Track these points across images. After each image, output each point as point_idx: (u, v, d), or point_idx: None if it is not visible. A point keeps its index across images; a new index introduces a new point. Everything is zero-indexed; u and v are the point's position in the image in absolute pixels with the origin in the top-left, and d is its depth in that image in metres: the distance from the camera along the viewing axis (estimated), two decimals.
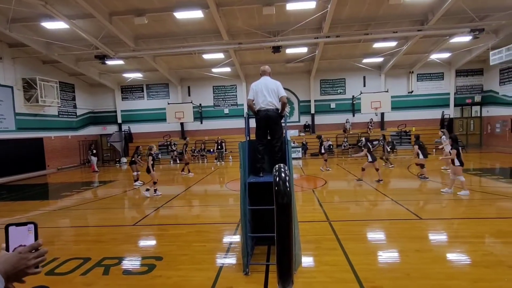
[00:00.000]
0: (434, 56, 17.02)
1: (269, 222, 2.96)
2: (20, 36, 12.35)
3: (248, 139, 4.41)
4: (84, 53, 14.20)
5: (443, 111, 18.83)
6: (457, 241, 4.58)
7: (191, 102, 19.21)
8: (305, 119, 19.90)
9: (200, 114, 20.13)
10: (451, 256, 4.08)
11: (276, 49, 13.26)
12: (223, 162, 17.31)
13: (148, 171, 8.83)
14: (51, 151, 16.45)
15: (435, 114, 19.01)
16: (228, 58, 16.00)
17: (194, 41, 13.67)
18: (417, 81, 19.22)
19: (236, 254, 4.36)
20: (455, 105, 19.12)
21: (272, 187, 1.86)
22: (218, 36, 13.20)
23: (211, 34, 13.32)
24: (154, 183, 8.87)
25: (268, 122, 4.32)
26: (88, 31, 12.03)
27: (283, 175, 1.88)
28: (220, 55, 15.58)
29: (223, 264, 4.08)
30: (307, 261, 4.04)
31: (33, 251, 1.01)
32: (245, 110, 19.19)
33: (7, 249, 1.00)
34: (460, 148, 7.48)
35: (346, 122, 19.39)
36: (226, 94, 20.26)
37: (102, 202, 8.50)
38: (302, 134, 19.33)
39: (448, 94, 19.09)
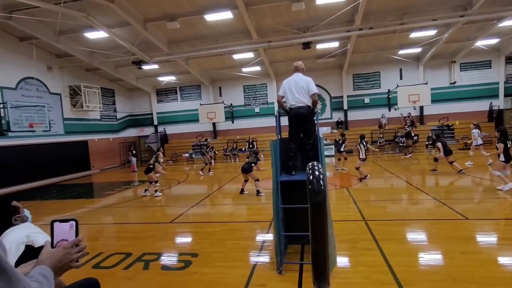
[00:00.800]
0: (480, 43, 15.73)
1: (302, 221, 2.92)
2: (66, 47, 13.37)
3: (279, 137, 4.39)
4: (122, 60, 15.00)
5: (491, 102, 17.38)
6: (509, 244, 4.21)
7: (222, 102, 19.54)
8: (338, 116, 19.40)
9: (231, 114, 20.41)
10: (503, 259, 3.75)
11: (306, 45, 13.05)
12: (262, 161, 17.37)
13: (148, 172, 9.28)
14: (95, 153, 17.57)
15: (482, 105, 17.59)
16: (257, 57, 16.05)
17: (224, 42, 13.88)
18: (460, 71, 17.90)
19: (270, 252, 4.36)
20: (505, 95, 17.53)
21: (305, 186, 1.83)
22: (247, 36, 13.29)
23: (240, 34, 13.44)
24: (156, 182, 9.46)
25: (300, 120, 4.26)
26: (125, 38, 12.68)
27: (316, 173, 1.83)
28: (249, 55, 15.67)
29: (256, 262, 4.10)
30: (342, 261, 3.94)
31: (74, 246, 1.08)
32: (276, 109, 19.13)
33: (51, 242, 1.08)
34: (509, 142, 6.90)
35: (382, 117, 18.60)
36: (256, 93, 20.35)
37: (141, 200, 8.93)
38: (335, 131, 18.88)
39: (497, 83, 17.55)
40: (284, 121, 4.40)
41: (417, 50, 16.64)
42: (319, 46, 14.96)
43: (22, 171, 12.74)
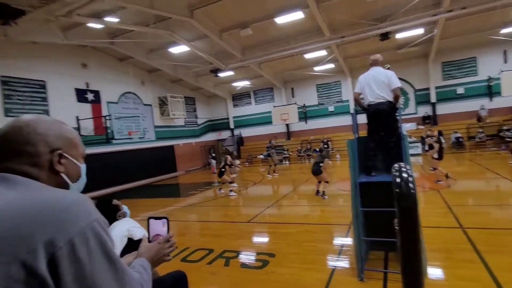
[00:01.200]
0: None
1: (385, 226, 2.69)
2: (155, 63, 15.14)
3: (357, 136, 4.15)
4: (201, 69, 16.25)
5: None
6: None
7: (295, 103, 19.48)
8: (424, 110, 17.44)
9: (304, 114, 20.20)
10: None
11: (384, 36, 12.10)
12: (329, 161, 16.85)
13: (220, 175, 10.34)
14: (180, 156, 19.37)
15: None
16: (330, 54, 15.54)
17: (295, 42, 13.83)
18: None
19: (349, 257, 4.15)
20: None
21: (386, 187, 1.69)
22: (318, 34, 12.99)
23: (312, 32, 13.21)
24: (230, 183, 10.47)
25: (380, 117, 3.94)
26: (203, 49, 13.71)
27: (405, 175, 1.67)
28: (322, 53, 15.27)
29: (335, 266, 3.94)
30: (434, 273, 3.50)
31: (166, 242, 1.19)
32: (352, 106, 18.22)
33: (148, 236, 1.22)
34: None
35: (481, 108, 16.01)
36: (330, 91, 19.71)
37: (221, 200, 9.49)
38: (421, 127, 17.00)
39: None
40: (361, 119, 4.14)
41: None
42: (399, 35, 13.67)
43: (122, 173, 14.78)
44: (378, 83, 3.91)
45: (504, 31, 14.09)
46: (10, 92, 10.89)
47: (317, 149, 16.91)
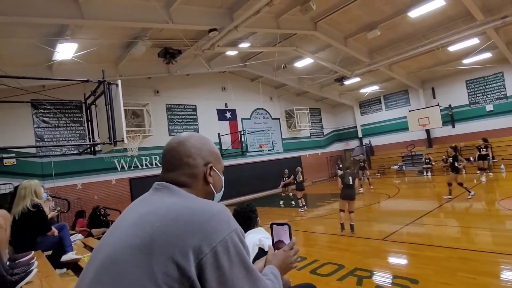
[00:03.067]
0: None
1: None
2: (282, 79, 16.06)
3: None
4: (326, 80, 16.15)
5: None
6: None
7: (438, 105, 16.68)
8: None
9: (450, 117, 17.02)
10: None
11: None
12: (490, 174, 13.49)
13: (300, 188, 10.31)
14: (307, 167, 19.56)
15: None
16: (486, 42, 12.63)
17: (435, 35, 11.95)
18: None
19: None
20: None
21: None
22: (467, 20, 10.82)
23: (457, 20, 11.14)
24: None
25: None
26: (327, 59, 13.63)
27: None
28: (473, 41, 12.56)
29: None
30: None
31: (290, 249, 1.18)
32: None
33: (272, 241, 1.23)
34: None
35: None
36: (487, 86, 15.97)
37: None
38: None
39: None
40: None
41: None
42: None
43: (253, 183, 16.06)
44: None
45: None
46: (172, 116, 13.80)
47: (472, 158, 13.84)
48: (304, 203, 10.44)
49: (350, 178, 6.65)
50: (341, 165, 17.91)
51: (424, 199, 9.98)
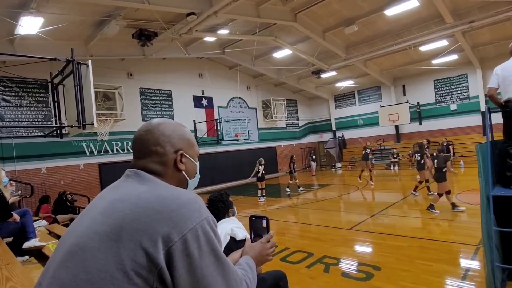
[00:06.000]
0: None
1: None
2: (260, 68, 15.99)
3: (491, 139, 3.40)
4: (303, 72, 16.30)
5: None
6: None
7: (407, 102, 17.45)
8: None
9: (418, 114, 17.88)
10: None
11: None
12: (451, 169, 14.36)
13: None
14: (281, 157, 19.86)
15: None
16: (453, 44, 13.29)
17: (409, 34, 12.39)
18: None
19: (476, 285, 3.44)
20: None
21: None
22: (438, 22, 11.30)
23: (429, 21, 11.60)
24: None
25: None
26: (305, 51, 13.72)
27: None
28: (442, 43, 13.18)
29: None
30: None
31: (267, 241, 1.21)
32: (482, 103, 15.19)
33: (250, 234, 1.25)
34: None
35: None
36: (452, 87, 16.88)
37: (321, 203, 9.27)
38: None
39: None
40: (495, 118, 3.38)
41: None
42: None
43: (228, 172, 16.09)
44: None
45: None
46: (146, 100, 13.34)
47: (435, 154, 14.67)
48: (264, 194, 10.71)
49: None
50: (314, 157, 18.35)
51: (390, 191, 10.50)
